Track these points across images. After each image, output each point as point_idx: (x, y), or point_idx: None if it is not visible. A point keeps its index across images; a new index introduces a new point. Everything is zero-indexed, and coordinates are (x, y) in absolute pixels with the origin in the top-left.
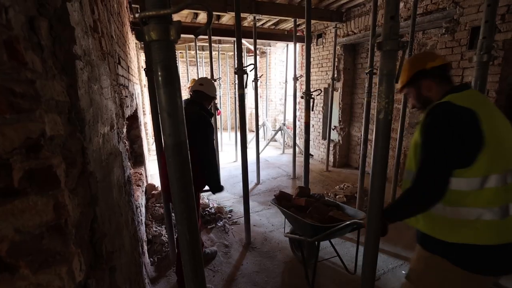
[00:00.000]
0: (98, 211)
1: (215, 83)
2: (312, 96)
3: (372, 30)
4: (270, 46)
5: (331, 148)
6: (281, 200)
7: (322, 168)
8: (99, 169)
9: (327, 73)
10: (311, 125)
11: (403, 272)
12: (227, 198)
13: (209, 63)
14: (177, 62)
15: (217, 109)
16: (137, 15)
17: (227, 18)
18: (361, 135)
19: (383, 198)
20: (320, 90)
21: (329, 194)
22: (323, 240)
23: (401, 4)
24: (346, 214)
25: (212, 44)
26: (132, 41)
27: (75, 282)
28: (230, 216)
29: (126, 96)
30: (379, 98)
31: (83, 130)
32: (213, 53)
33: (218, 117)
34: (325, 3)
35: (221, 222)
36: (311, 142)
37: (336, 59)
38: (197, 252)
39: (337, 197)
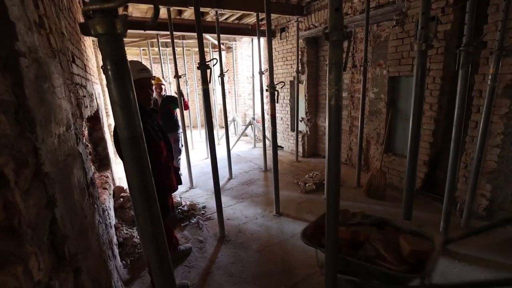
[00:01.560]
0: (58, 213)
1: (181, 80)
2: (276, 89)
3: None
4: (236, 41)
5: (299, 139)
6: (318, 236)
7: (292, 159)
8: (56, 170)
9: (291, 66)
10: (279, 118)
11: None
12: (200, 195)
13: (173, 59)
14: (140, 60)
15: (182, 95)
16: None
17: (189, 13)
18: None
19: (339, 180)
20: (284, 82)
21: (299, 183)
22: None
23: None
24: (416, 236)
25: (176, 40)
26: (89, 38)
27: (33, 280)
28: (203, 212)
29: (84, 96)
30: (330, 86)
31: (34, 130)
32: (178, 49)
33: (186, 114)
34: None
35: (194, 219)
36: (280, 135)
37: (300, 52)
38: (161, 242)
39: (306, 185)
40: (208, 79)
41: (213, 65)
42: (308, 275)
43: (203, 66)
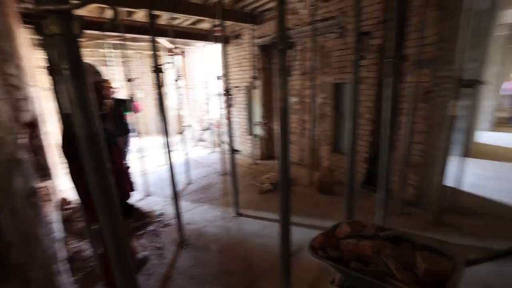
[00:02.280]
0: (1, 219)
1: (132, 83)
2: (231, 94)
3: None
4: (192, 46)
5: (256, 143)
6: (325, 247)
7: (250, 162)
8: None
9: (247, 72)
10: (236, 122)
11: None
12: (157, 202)
13: (125, 62)
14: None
15: (131, 101)
16: (30, 6)
17: (141, 15)
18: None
19: (289, 175)
20: (240, 87)
21: (257, 184)
22: None
23: (305, 11)
24: (436, 253)
25: (128, 42)
26: (26, 37)
27: None
28: (161, 219)
29: (22, 99)
30: (279, 90)
31: None
32: (129, 51)
33: (142, 120)
34: (240, 5)
35: (151, 227)
36: (238, 139)
37: (255, 59)
38: (123, 242)
39: (263, 185)
40: (161, 83)
41: (167, 69)
42: (267, 269)
43: (157, 70)
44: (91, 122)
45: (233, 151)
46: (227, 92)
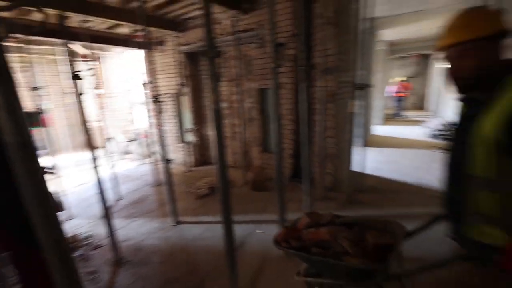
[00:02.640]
0: None
1: (36, 92)
2: (160, 101)
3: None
4: (109, 51)
5: (189, 150)
6: (288, 239)
7: (184, 170)
8: None
9: (174, 79)
10: (168, 131)
11: (257, 231)
12: (81, 224)
13: (28, 68)
14: None
15: (38, 114)
16: None
17: (42, 15)
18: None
19: (227, 175)
20: (167, 95)
21: (193, 190)
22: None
23: (228, 21)
24: (382, 231)
25: (31, 46)
26: None
27: None
28: (89, 241)
29: None
30: (211, 93)
31: None
32: (33, 56)
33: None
34: (162, 11)
35: (78, 252)
36: (170, 147)
37: (181, 66)
38: (69, 258)
39: (200, 191)
40: (80, 92)
41: (84, 77)
42: (211, 270)
43: (75, 77)
44: (22, 128)
45: (166, 160)
46: (156, 100)
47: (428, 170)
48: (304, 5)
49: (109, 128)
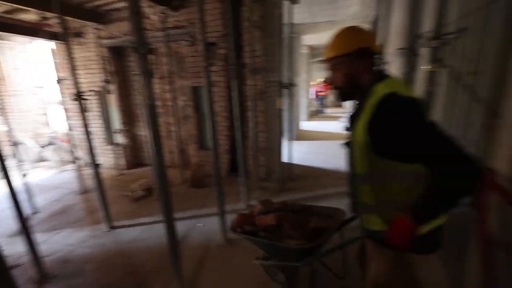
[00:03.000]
0: None
1: None
2: (82, 99)
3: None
4: (9, 41)
5: (119, 152)
6: (243, 225)
7: (115, 174)
8: None
9: (96, 76)
10: (93, 132)
11: (198, 224)
12: None
13: None
14: None
15: None
16: None
17: None
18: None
19: (166, 174)
20: (92, 92)
21: (127, 193)
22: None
23: (156, 17)
24: (325, 216)
25: None
26: None
27: None
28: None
29: None
30: (144, 90)
31: None
32: None
33: None
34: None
35: None
36: (96, 150)
37: (105, 61)
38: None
39: (135, 193)
40: None
41: None
42: (152, 269)
43: None
44: None
45: (95, 165)
46: (78, 98)
47: (344, 157)
48: (232, 8)
49: (17, 132)
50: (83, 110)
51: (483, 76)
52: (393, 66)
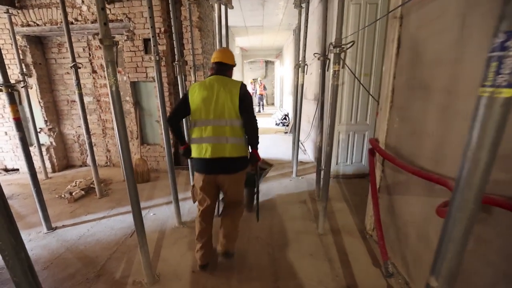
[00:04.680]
0: None
1: None
2: (16, 89)
3: (66, 25)
4: None
5: (44, 153)
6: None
7: (41, 178)
8: None
9: (9, 67)
10: (3, 133)
11: (151, 214)
12: None
13: None
14: None
15: None
16: None
17: None
18: (83, 130)
19: (132, 173)
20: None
21: (63, 195)
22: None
23: (85, 8)
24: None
25: None
26: None
27: None
28: None
29: None
30: (109, 77)
31: None
32: None
33: None
34: None
35: None
36: (10, 154)
37: (21, 52)
38: None
39: (74, 194)
40: None
41: None
42: (110, 256)
43: None
44: None
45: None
46: (8, 86)
47: (275, 147)
48: (173, 6)
49: None
50: (11, 101)
51: (373, 76)
52: (311, 66)
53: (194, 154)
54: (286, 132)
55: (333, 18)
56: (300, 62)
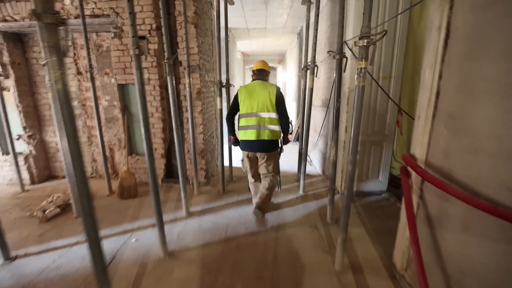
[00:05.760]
0: None
1: None
2: None
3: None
4: None
5: (21, 163)
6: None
7: (16, 191)
8: None
9: None
10: None
11: (133, 240)
12: None
13: None
14: None
15: None
16: None
17: None
18: (57, 138)
19: (88, 189)
20: None
21: (36, 213)
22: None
23: (68, 1)
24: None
25: None
26: None
27: None
28: None
29: None
30: (53, 70)
31: None
32: None
33: None
34: None
35: None
36: None
37: None
38: None
39: (47, 212)
40: None
41: None
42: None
43: None
44: None
45: None
46: None
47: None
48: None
49: None
50: None
51: (393, 80)
52: (318, 70)
53: (241, 137)
54: (290, 141)
55: (347, 13)
56: (309, 63)
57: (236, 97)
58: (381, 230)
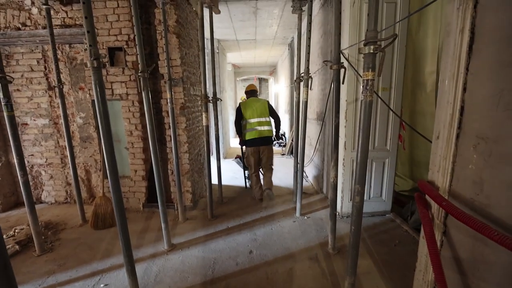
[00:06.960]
0: None
1: None
2: None
3: None
4: None
5: None
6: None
7: None
8: None
9: None
10: None
11: (101, 286)
12: None
13: None
14: None
15: None
16: None
17: None
18: (16, 165)
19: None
20: None
21: None
22: None
23: (35, 10)
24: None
25: None
26: None
27: None
28: None
29: None
30: None
31: None
32: None
33: None
34: None
35: None
36: None
37: None
38: None
39: (8, 247)
40: None
41: None
42: None
43: None
44: None
45: None
46: None
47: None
48: (144, 8)
49: None
50: None
51: (394, 91)
52: (316, 76)
53: (247, 137)
54: (283, 154)
55: (342, 20)
56: (303, 74)
57: (239, 110)
58: (390, 261)
